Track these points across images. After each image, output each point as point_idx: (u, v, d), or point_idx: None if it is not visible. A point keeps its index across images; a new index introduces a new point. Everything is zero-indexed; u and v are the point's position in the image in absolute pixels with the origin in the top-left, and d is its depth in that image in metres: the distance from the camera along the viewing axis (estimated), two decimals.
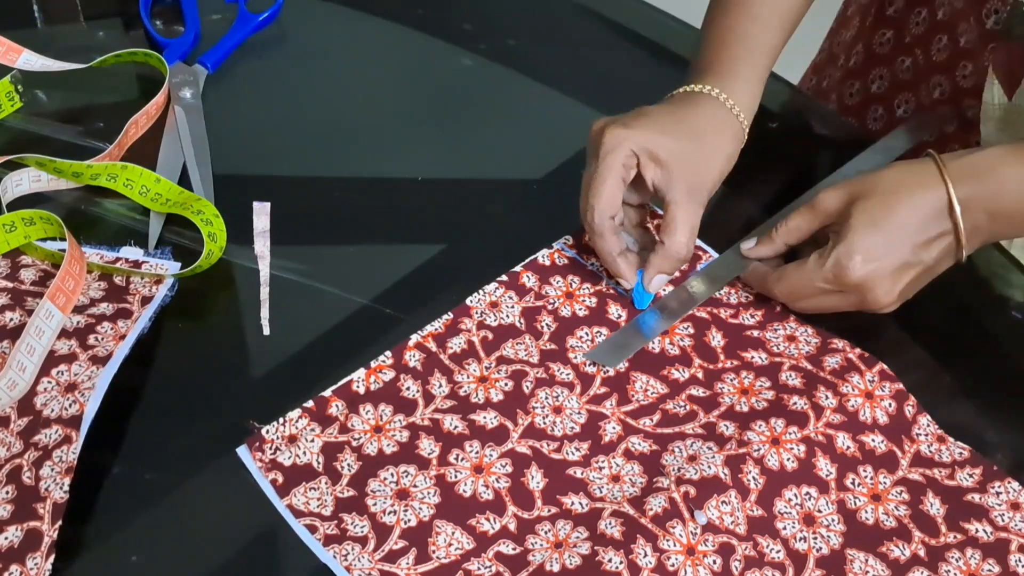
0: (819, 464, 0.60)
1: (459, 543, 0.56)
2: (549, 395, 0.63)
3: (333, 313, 0.67)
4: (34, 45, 0.79)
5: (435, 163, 0.77)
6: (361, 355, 0.64)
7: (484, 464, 0.60)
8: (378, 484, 0.58)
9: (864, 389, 0.63)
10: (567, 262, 0.69)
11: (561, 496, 0.59)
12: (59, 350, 0.61)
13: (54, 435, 0.57)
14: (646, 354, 0.65)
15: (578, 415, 0.62)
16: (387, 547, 0.56)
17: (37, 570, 0.52)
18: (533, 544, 0.57)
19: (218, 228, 0.68)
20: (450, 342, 0.65)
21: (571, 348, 0.65)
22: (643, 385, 0.64)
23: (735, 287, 0.69)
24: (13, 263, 0.67)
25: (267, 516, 0.57)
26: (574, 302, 0.67)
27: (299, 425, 0.60)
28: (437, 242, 0.72)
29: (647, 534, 0.56)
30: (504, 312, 0.66)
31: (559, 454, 0.60)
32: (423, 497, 0.58)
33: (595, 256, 0.68)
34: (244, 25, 0.84)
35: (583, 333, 0.66)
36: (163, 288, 0.66)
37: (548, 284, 0.68)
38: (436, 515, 0.57)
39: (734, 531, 0.57)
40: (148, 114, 0.76)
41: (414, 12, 0.88)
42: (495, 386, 0.63)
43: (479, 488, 0.59)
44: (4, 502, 0.55)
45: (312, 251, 0.70)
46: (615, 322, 0.66)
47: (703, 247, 0.71)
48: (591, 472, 0.60)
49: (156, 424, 0.60)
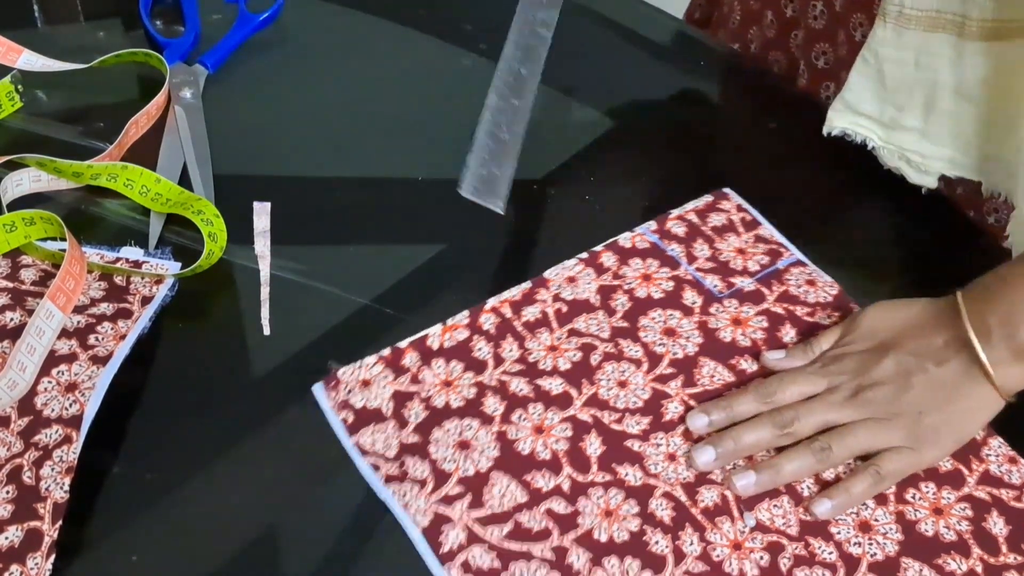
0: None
1: (513, 495, 0.58)
2: (616, 369, 0.64)
3: (333, 313, 0.67)
4: (34, 45, 0.79)
5: (435, 163, 0.77)
6: (361, 355, 0.64)
7: (545, 426, 0.61)
8: (441, 433, 0.61)
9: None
10: (648, 246, 0.70)
11: (617, 465, 0.60)
12: (59, 350, 0.61)
13: (54, 435, 0.57)
14: (716, 341, 0.66)
15: (642, 391, 0.63)
16: (444, 491, 0.58)
17: (37, 570, 0.52)
18: (584, 507, 0.58)
19: (218, 228, 0.68)
20: (525, 310, 0.67)
21: (642, 327, 0.66)
22: (710, 371, 0.64)
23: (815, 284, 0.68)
24: (13, 263, 0.67)
25: (266, 516, 0.57)
26: (651, 284, 0.68)
27: (374, 371, 0.63)
28: (437, 242, 0.72)
29: (695, 524, 0.57)
30: (580, 287, 0.68)
31: (619, 425, 0.62)
32: (483, 450, 0.60)
33: (676, 242, 0.70)
34: (244, 25, 0.84)
35: (656, 314, 0.67)
36: (163, 288, 0.66)
37: (626, 265, 0.69)
38: (493, 467, 0.59)
39: (785, 532, 0.58)
40: (148, 114, 0.76)
41: (414, 12, 0.88)
42: (564, 355, 0.65)
43: (537, 447, 0.60)
44: (4, 502, 0.55)
45: (312, 251, 0.71)
46: (689, 307, 0.67)
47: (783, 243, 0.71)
48: (648, 447, 0.61)
49: (156, 424, 0.60)
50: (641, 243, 0.70)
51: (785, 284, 0.69)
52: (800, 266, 0.70)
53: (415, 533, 0.57)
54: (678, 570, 0.56)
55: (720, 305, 0.68)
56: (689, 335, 0.66)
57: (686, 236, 0.71)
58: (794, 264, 0.70)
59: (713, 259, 0.70)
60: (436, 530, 0.57)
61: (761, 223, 0.72)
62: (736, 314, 0.67)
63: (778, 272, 0.69)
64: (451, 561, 0.56)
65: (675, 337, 0.66)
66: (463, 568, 0.56)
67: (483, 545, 0.56)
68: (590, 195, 0.74)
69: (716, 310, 0.67)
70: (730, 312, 0.67)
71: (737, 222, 0.72)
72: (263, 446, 0.60)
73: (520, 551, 0.56)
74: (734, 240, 0.71)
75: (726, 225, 0.72)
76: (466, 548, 0.56)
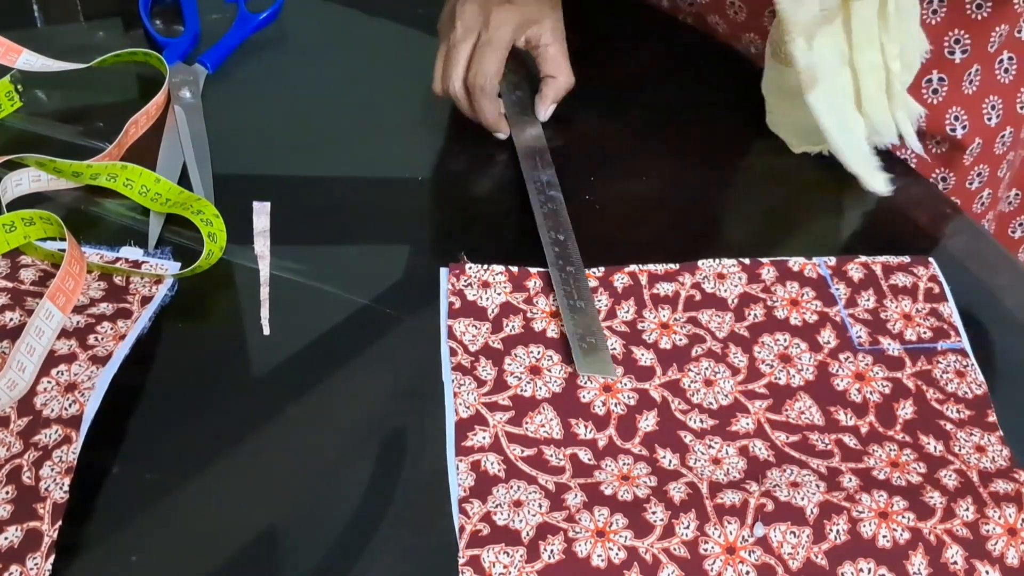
0: (914, 559, 0.56)
1: (550, 428, 0.61)
2: (711, 368, 0.64)
3: (333, 313, 0.66)
4: (34, 45, 0.79)
5: (435, 163, 0.77)
6: (361, 355, 0.64)
7: (615, 387, 0.63)
8: (522, 351, 0.64)
9: (1011, 524, 0.58)
10: (815, 277, 0.69)
11: (660, 447, 0.60)
12: (59, 350, 0.61)
13: (54, 435, 0.57)
14: (826, 385, 0.64)
15: (724, 397, 0.63)
16: (494, 398, 0.62)
17: (37, 570, 0.52)
18: (606, 466, 0.59)
19: (218, 228, 0.68)
20: (660, 285, 0.68)
21: (760, 343, 0.65)
22: (803, 408, 0.63)
23: (964, 377, 0.65)
24: (13, 263, 0.67)
25: (267, 516, 0.57)
26: (795, 310, 0.67)
27: (497, 278, 0.67)
28: (437, 242, 0.72)
29: (702, 513, 0.57)
30: (726, 286, 0.68)
31: (683, 416, 0.62)
32: (548, 381, 0.63)
33: (846, 283, 0.68)
34: (244, 25, 0.84)
35: (782, 337, 0.66)
36: (163, 288, 0.66)
37: (782, 284, 0.68)
38: (548, 400, 0.62)
39: (786, 561, 0.55)
40: (148, 114, 0.76)
41: (414, 12, 0.88)
42: (670, 336, 0.65)
43: (596, 401, 0.62)
44: (4, 502, 0.55)
45: (312, 251, 0.70)
46: (820, 344, 0.65)
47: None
48: (699, 444, 0.61)
49: (156, 424, 0.60)
50: (810, 272, 0.69)
51: (933, 364, 0.65)
52: (960, 355, 0.66)
53: (451, 419, 0.60)
54: (659, 543, 0.56)
55: (853, 356, 0.65)
56: (803, 369, 0.64)
57: (859, 282, 0.69)
58: (955, 351, 0.66)
59: (873, 312, 0.67)
60: (469, 426, 0.60)
61: (947, 299, 0.68)
62: (864, 370, 0.65)
63: (934, 351, 0.66)
64: (466, 456, 0.59)
65: (788, 365, 0.64)
66: (472, 466, 0.59)
67: (500, 456, 0.59)
68: (590, 195, 0.74)
69: (845, 358, 0.65)
70: (859, 366, 0.65)
71: (922, 289, 0.69)
72: (263, 446, 0.60)
73: (528, 473, 0.58)
74: (907, 304, 0.68)
75: (908, 288, 0.69)
76: (485, 451, 0.59)
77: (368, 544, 0.57)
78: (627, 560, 0.55)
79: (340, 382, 0.63)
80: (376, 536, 0.57)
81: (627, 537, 0.56)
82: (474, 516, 0.56)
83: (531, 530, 0.56)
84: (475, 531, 0.56)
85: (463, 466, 0.58)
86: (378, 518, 0.58)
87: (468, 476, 0.58)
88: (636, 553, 0.55)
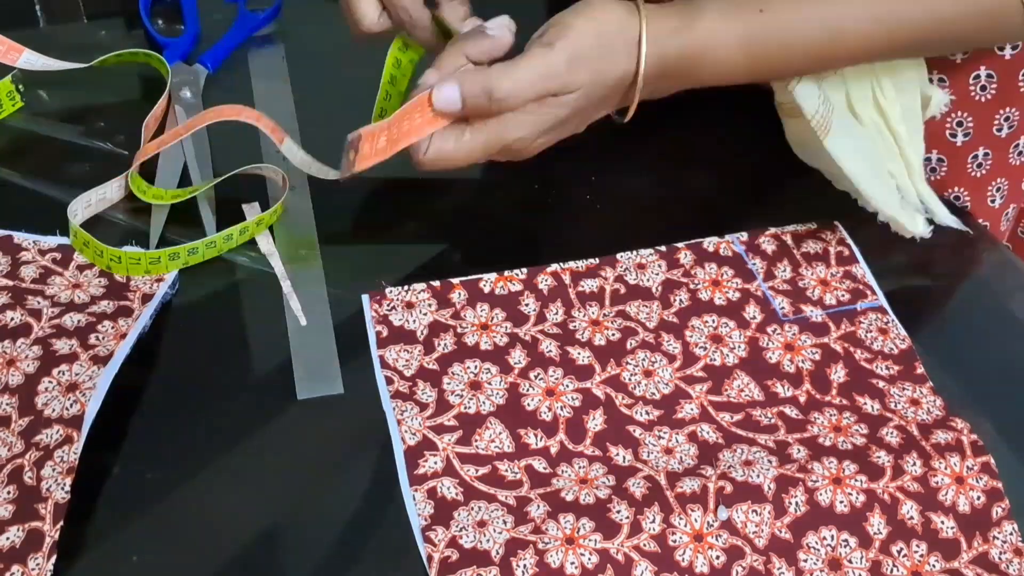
0: (872, 520, 0.58)
1: (500, 443, 0.60)
2: (647, 358, 0.65)
3: (333, 313, 0.67)
4: (35, 44, 0.79)
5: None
6: (361, 355, 0.64)
7: (558, 391, 0.63)
8: (459, 368, 0.63)
9: (957, 472, 0.60)
10: (731, 255, 0.70)
11: (611, 445, 0.61)
12: (60, 350, 0.61)
13: (55, 435, 0.57)
14: (760, 360, 0.65)
15: (665, 385, 0.63)
16: (440, 420, 0.61)
17: (39, 570, 0.53)
18: (563, 472, 0.59)
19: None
20: (584, 282, 0.68)
21: (690, 327, 0.66)
22: (742, 385, 0.64)
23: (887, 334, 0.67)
24: (13, 260, 0.67)
25: (267, 516, 0.58)
26: (717, 290, 0.68)
27: (420, 296, 0.66)
28: (437, 242, 0.72)
29: (665, 505, 0.57)
30: (647, 276, 0.68)
31: (629, 410, 0.62)
32: (491, 395, 0.62)
33: (760, 257, 0.70)
34: (244, 25, 0.84)
35: (710, 319, 0.67)
36: (164, 286, 0.66)
37: (701, 267, 0.69)
38: (494, 413, 0.62)
39: (752, 540, 0.57)
40: (155, 117, 0.76)
41: None
42: (603, 332, 0.66)
43: (542, 408, 0.62)
44: (6, 502, 0.55)
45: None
46: (747, 321, 0.67)
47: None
48: (649, 436, 0.61)
49: (156, 424, 0.61)
50: (725, 250, 0.70)
51: (856, 325, 0.67)
52: (880, 312, 0.68)
53: (399, 449, 0.59)
54: (628, 542, 0.56)
55: (779, 328, 0.67)
56: (735, 347, 0.65)
57: (773, 254, 0.70)
58: (874, 309, 0.68)
59: (791, 282, 0.69)
60: (418, 452, 0.59)
61: (858, 261, 0.70)
62: (792, 340, 0.66)
63: (854, 312, 0.68)
64: (420, 484, 0.58)
65: (720, 345, 0.65)
66: (428, 494, 0.58)
67: (455, 479, 0.58)
68: (590, 195, 0.75)
69: (773, 331, 0.66)
70: (786, 336, 0.66)
71: (832, 254, 0.71)
72: (263, 446, 0.60)
73: (486, 492, 0.58)
74: (821, 270, 0.70)
75: (819, 254, 0.70)
76: (439, 477, 0.58)
77: (368, 543, 0.57)
78: (600, 563, 0.55)
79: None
80: (376, 536, 0.57)
81: (596, 540, 0.56)
82: (440, 543, 0.56)
83: (500, 548, 0.55)
84: (444, 558, 0.55)
85: (419, 495, 0.57)
86: (378, 518, 0.58)
87: (426, 504, 0.57)
88: (608, 555, 0.55)
